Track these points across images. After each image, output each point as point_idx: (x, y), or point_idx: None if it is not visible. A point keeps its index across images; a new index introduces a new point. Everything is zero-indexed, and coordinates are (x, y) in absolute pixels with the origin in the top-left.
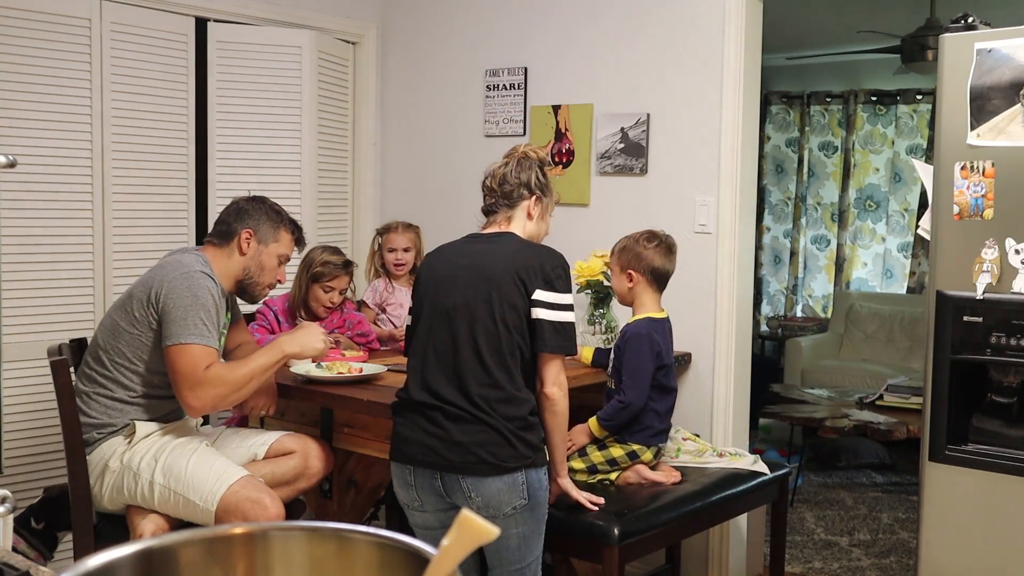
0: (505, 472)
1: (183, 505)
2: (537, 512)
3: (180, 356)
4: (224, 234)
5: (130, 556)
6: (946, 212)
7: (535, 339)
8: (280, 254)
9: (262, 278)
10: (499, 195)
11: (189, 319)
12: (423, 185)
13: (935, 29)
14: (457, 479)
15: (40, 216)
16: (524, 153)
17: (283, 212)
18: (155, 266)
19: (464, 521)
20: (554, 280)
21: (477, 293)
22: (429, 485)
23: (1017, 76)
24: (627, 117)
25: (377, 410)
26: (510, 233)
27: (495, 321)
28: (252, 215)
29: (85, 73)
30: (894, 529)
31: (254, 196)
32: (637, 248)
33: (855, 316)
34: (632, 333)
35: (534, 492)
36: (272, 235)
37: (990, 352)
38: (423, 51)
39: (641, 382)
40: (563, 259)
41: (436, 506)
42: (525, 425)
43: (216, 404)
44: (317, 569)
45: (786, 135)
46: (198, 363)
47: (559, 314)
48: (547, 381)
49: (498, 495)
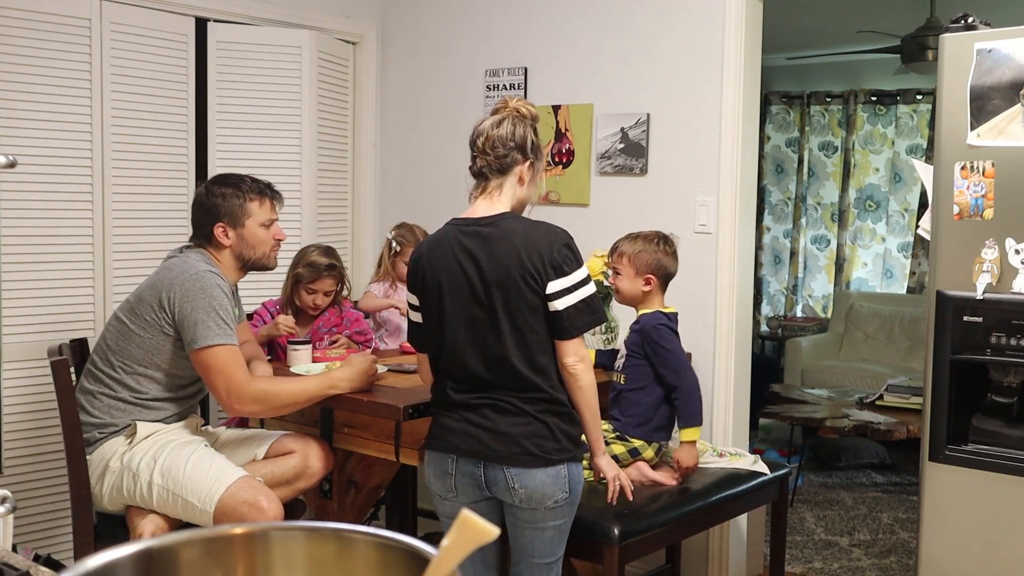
0: (549, 464)
1: (181, 506)
2: (575, 506)
3: (211, 359)
4: (203, 235)
5: (130, 556)
6: (946, 212)
7: (557, 329)
8: (261, 222)
9: (258, 251)
10: (491, 158)
11: (210, 321)
12: (423, 185)
13: (935, 29)
14: (502, 470)
15: (40, 216)
16: (516, 110)
17: (241, 183)
18: (161, 268)
19: (464, 521)
20: (562, 263)
21: (494, 302)
22: (471, 475)
23: (1017, 76)
24: (627, 117)
25: (377, 410)
26: (508, 216)
27: (518, 329)
28: (215, 207)
29: (85, 73)
30: (894, 529)
31: (208, 185)
32: (658, 254)
33: (855, 316)
34: (652, 325)
35: (574, 485)
36: (241, 213)
37: (990, 352)
38: (423, 51)
39: (684, 364)
40: (564, 235)
41: (471, 497)
42: (568, 419)
43: (255, 415)
44: (317, 569)
45: (786, 135)
46: (231, 366)
47: (575, 295)
48: (566, 355)
49: (542, 487)
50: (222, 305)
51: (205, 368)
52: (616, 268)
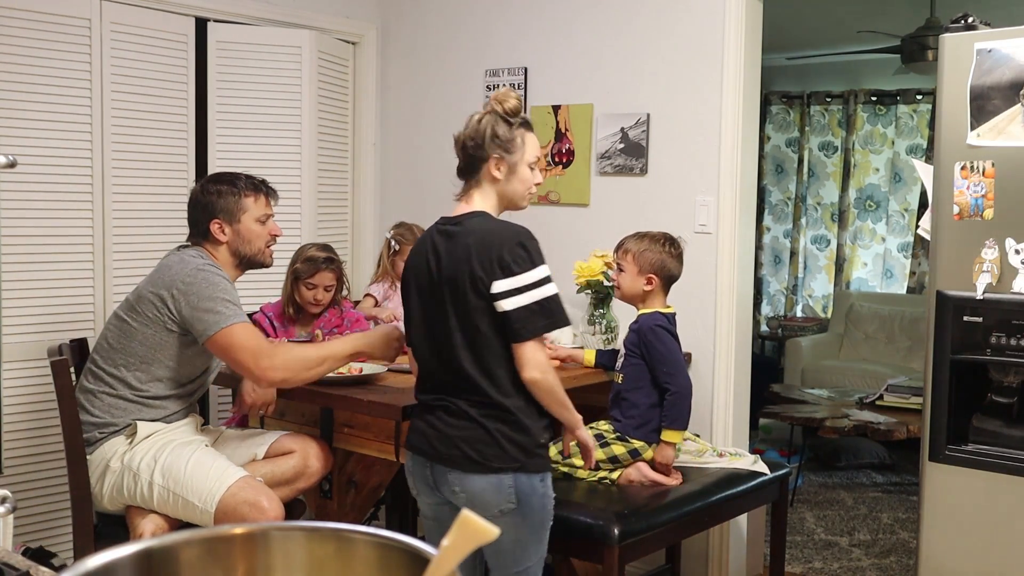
0: (490, 472)
1: (182, 506)
2: (531, 519)
3: (229, 338)
4: (199, 233)
5: (130, 556)
6: (946, 212)
7: (508, 332)
8: (256, 219)
9: (254, 247)
10: (460, 159)
11: (218, 306)
12: (423, 185)
13: (935, 29)
14: (444, 472)
15: (40, 216)
16: (490, 105)
17: (236, 180)
18: (160, 266)
19: (464, 521)
20: (511, 263)
21: (446, 305)
22: (421, 475)
23: (1017, 76)
24: (627, 117)
25: (377, 410)
26: (476, 215)
27: (466, 330)
28: (210, 204)
29: (85, 73)
30: (894, 529)
31: (203, 184)
32: (663, 255)
33: (855, 316)
34: (649, 325)
35: (525, 497)
36: (236, 209)
37: (990, 352)
38: (423, 51)
39: (680, 367)
40: (524, 234)
41: (429, 498)
42: (517, 427)
43: (286, 383)
44: (317, 569)
45: (786, 135)
46: (251, 339)
47: (526, 296)
48: (524, 367)
49: (482, 494)
50: (226, 290)
51: (225, 348)
52: (620, 264)
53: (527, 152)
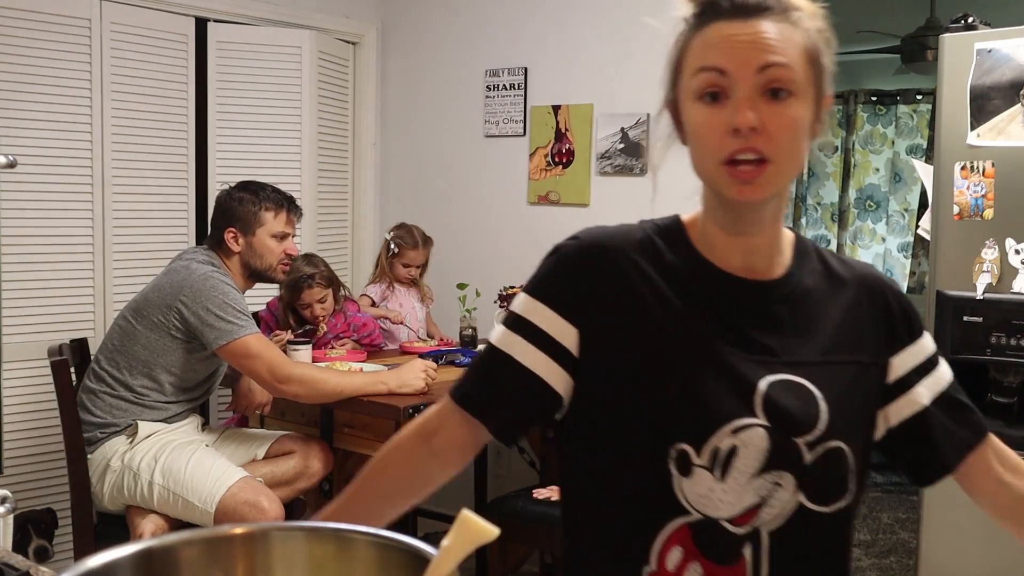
0: None
1: (182, 506)
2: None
3: (243, 348)
4: (215, 238)
5: (130, 556)
6: (946, 212)
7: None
8: (272, 234)
9: (265, 262)
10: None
11: (229, 315)
12: (423, 185)
13: (935, 29)
14: None
15: (40, 216)
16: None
17: (261, 192)
18: (168, 270)
19: (464, 521)
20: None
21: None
22: None
23: (1017, 76)
24: (627, 117)
25: (377, 410)
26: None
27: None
28: (230, 211)
29: (85, 73)
30: (894, 529)
31: (230, 189)
32: None
33: None
34: None
35: None
36: (254, 222)
37: (990, 352)
38: (423, 51)
39: None
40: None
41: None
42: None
43: (298, 397)
44: (317, 569)
45: None
46: (266, 350)
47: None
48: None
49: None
50: (235, 299)
51: (240, 358)
52: None
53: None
